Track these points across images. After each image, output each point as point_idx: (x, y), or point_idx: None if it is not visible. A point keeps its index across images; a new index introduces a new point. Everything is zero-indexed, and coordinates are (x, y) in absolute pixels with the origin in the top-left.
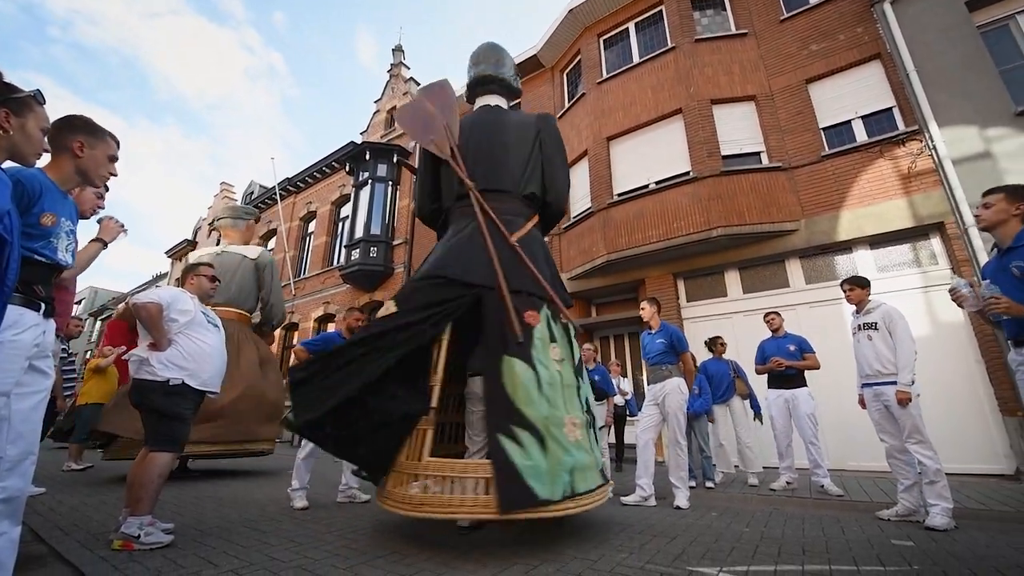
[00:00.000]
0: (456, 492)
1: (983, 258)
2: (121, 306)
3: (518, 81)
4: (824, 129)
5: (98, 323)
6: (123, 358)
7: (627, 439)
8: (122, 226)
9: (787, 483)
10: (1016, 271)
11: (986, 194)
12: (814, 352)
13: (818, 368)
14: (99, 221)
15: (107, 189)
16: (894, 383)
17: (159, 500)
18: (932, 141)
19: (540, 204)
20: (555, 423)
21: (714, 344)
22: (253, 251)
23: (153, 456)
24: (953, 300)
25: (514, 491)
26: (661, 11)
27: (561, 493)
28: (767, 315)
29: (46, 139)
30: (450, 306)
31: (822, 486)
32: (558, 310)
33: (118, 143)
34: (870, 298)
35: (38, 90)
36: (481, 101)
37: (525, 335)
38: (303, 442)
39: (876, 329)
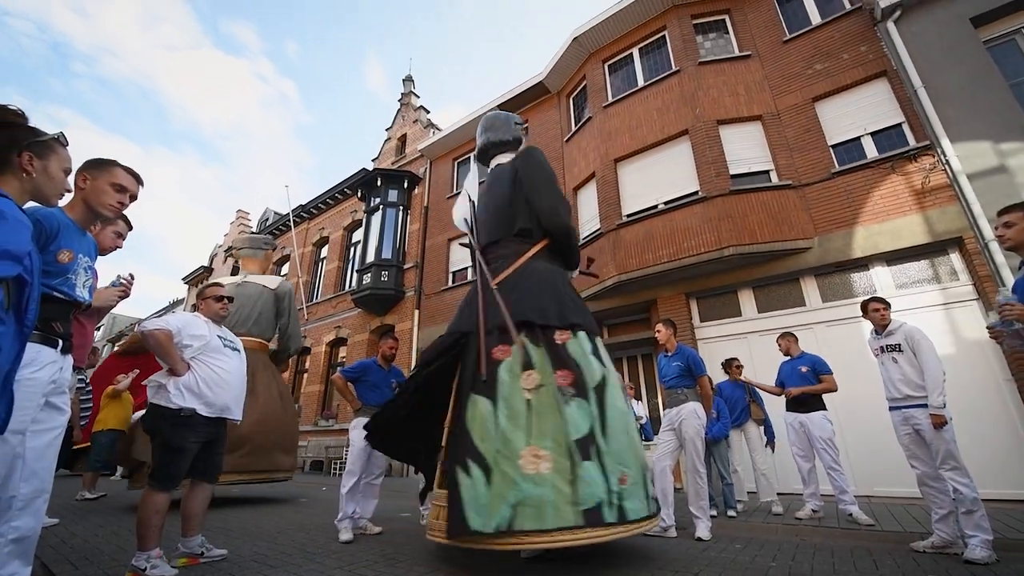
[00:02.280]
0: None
1: (1006, 273)
2: (127, 338)
3: (519, 130)
4: (833, 146)
5: (116, 349)
6: (142, 383)
7: None
8: (120, 295)
9: (813, 511)
10: None
11: (1003, 212)
12: (831, 373)
13: (835, 391)
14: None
15: (130, 227)
16: (923, 406)
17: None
18: (945, 156)
19: (543, 233)
20: (508, 456)
21: (729, 366)
22: (272, 281)
23: (146, 496)
24: (992, 338)
25: (454, 520)
26: (664, 36)
27: (495, 527)
28: (777, 338)
29: (69, 180)
30: (447, 354)
31: (850, 514)
32: (537, 335)
33: (136, 176)
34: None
35: (61, 132)
36: (492, 164)
37: (490, 371)
38: (346, 475)
39: (900, 351)
